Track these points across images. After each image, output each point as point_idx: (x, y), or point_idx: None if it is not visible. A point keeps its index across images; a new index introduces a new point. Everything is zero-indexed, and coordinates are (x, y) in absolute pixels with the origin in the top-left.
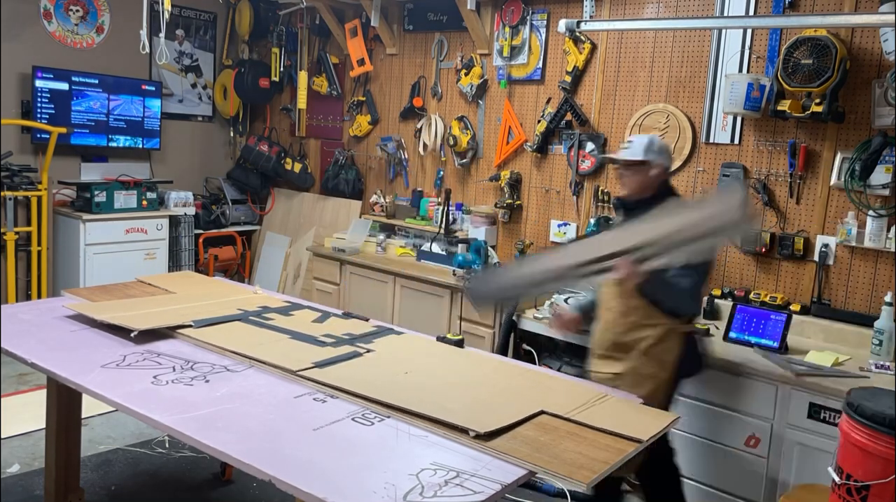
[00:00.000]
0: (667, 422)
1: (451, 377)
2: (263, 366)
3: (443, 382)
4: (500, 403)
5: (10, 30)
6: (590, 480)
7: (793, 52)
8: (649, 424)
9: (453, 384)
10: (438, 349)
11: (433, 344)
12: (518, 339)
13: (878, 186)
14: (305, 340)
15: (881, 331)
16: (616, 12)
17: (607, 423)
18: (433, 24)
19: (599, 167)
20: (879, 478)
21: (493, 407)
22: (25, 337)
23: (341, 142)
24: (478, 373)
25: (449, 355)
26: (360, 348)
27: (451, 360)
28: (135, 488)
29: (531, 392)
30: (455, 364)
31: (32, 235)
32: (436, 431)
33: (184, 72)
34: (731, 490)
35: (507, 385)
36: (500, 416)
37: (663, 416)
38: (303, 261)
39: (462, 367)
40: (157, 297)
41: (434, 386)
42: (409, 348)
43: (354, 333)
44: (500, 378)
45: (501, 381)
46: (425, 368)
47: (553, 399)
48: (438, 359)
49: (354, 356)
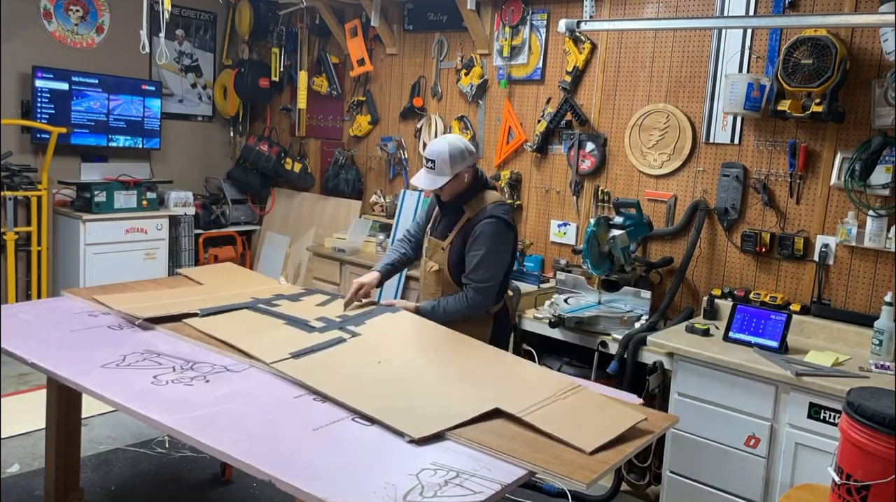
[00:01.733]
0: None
1: (421, 364)
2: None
3: (408, 370)
4: (454, 397)
5: (10, 30)
6: (589, 480)
7: (793, 52)
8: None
9: (419, 374)
10: (424, 331)
11: (422, 325)
12: (518, 339)
13: (878, 186)
14: (297, 325)
15: (881, 331)
16: (616, 12)
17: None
18: (433, 24)
19: (600, 167)
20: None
21: (445, 403)
22: (25, 337)
23: (341, 142)
24: (449, 360)
25: (431, 338)
26: (347, 334)
27: (429, 344)
28: (135, 488)
29: (496, 383)
30: (432, 348)
31: (32, 235)
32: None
33: (184, 72)
34: (730, 490)
35: (473, 373)
36: (448, 417)
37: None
38: (303, 261)
39: (437, 353)
40: (174, 290)
41: (396, 378)
42: (397, 330)
43: (349, 315)
44: (471, 364)
45: (471, 369)
46: (400, 356)
47: (516, 394)
48: (419, 343)
49: (337, 342)
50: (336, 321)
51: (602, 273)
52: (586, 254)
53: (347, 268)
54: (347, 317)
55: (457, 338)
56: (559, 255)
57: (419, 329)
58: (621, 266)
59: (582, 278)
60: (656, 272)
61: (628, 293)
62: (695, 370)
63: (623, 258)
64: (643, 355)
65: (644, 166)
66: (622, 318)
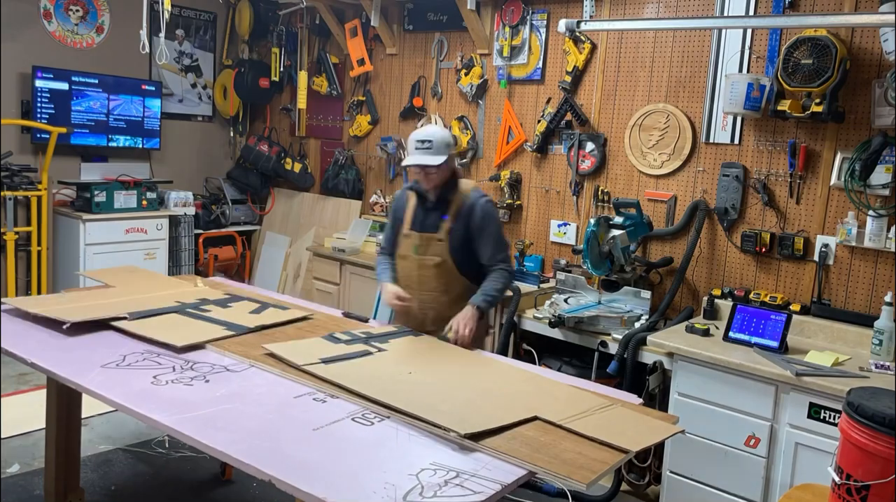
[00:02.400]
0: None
1: (453, 378)
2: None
3: (443, 383)
4: (493, 406)
5: (9, 30)
6: (589, 480)
7: (793, 52)
8: (645, 435)
9: (452, 385)
10: (451, 351)
11: (448, 346)
12: (518, 339)
13: (878, 186)
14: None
15: (881, 331)
16: (616, 12)
17: (600, 433)
18: (433, 23)
19: (600, 167)
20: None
21: (484, 409)
22: (25, 337)
23: (341, 142)
24: (481, 376)
25: (459, 357)
26: (373, 347)
27: (458, 363)
28: (135, 488)
29: (531, 397)
30: (461, 366)
31: (32, 235)
32: (435, 431)
33: (184, 72)
34: (730, 490)
35: (508, 389)
36: (490, 420)
37: (664, 428)
38: (303, 261)
39: (467, 369)
40: (90, 292)
41: (432, 386)
42: (422, 349)
43: (372, 332)
44: (503, 381)
45: (503, 385)
46: (431, 369)
47: (552, 405)
48: (447, 360)
49: (364, 354)
50: (361, 336)
51: (602, 273)
52: (586, 254)
53: (347, 268)
54: (371, 333)
55: (486, 358)
56: (559, 255)
57: (445, 349)
58: (621, 266)
59: (582, 278)
60: (656, 272)
61: (628, 293)
62: (695, 370)
63: (623, 258)
64: (643, 355)
65: (644, 166)
66: (622, 318)
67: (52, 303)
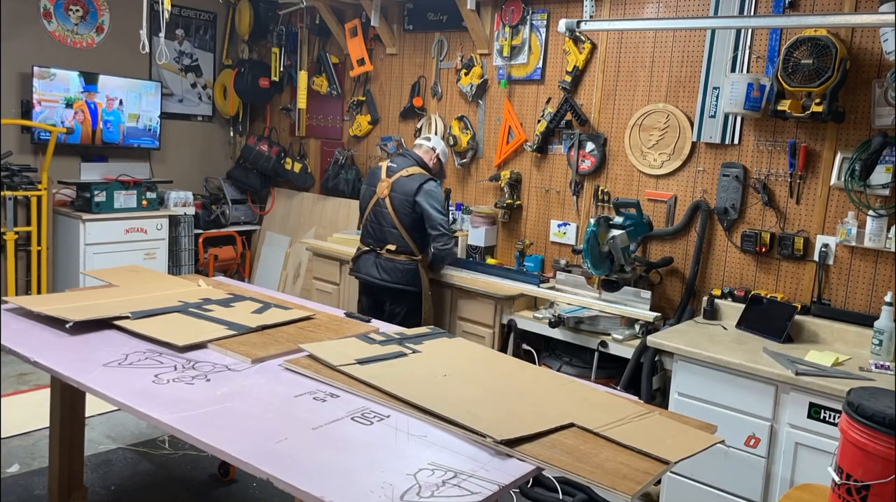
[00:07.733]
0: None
1: (488, 382)
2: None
3: (477, 385)
4: (529, 412)
5: (9, 30)
6: (634, 492)
7: (793, 52)
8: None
9: (487, 389)
10: (485, 354)
11: (482, 349)
12: (518, 339)
13: (878, 186)
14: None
15: (881, 331)
16: (616, 12)
17: (638, 442)
18: (433, 23)
19: (600, 167)
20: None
21: (520, 415)
22: (26, 335)
23: (341, 142)
24: (515, 381)
25: (493, 361)
26: (407, 349)
27: (492, 366)
28: (135, 488)
29: (566, 404)
30: (495, 370)
31: (32, 235)
32: (434, 431)
33: (184, 72)
34: (730, 489)
35: (543, 394)
36: (526, 425)
37: (703, 438)
38: (303, 260)
39: (501, 374)
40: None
41: (467, 390)
42: (456, 352)
43: (406, 333)
44: (537, 386)
45: (537, 389)
46: (465, 372)
47: (588, 412)
48: (482, 364)
49: (399, 356)
50: (395, 337)
51: (602, 273)
52: (586, 254)
53: (347, 268)
54: (405, 334)
55: (518, 362)
56: (559, 255)
57: (480, 352)
58: (621, 266)
59: (582, 278)
60: (656, 272)
61: (628, 293)
62: (695, 370)
63: (623, 258)
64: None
65: (644, 166)
66: (622, 318)
67: (55, 302)
